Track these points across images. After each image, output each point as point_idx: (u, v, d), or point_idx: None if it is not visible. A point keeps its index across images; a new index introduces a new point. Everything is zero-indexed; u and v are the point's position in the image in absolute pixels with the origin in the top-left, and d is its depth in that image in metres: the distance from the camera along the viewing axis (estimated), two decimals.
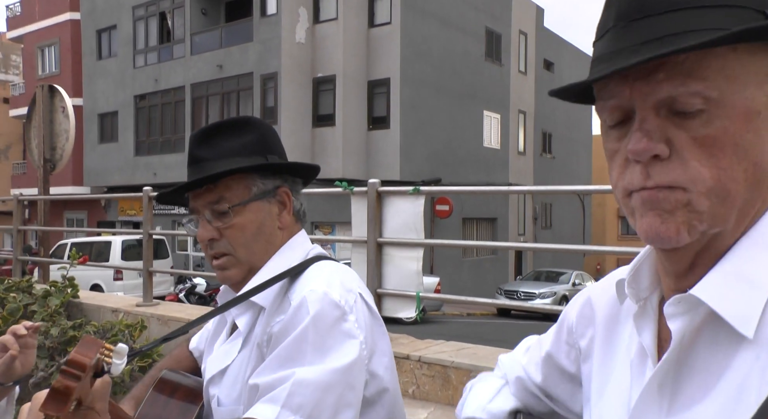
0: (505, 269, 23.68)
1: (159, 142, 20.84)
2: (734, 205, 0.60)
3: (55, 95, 6.15)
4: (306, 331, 1.01)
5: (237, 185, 1.14)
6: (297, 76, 17.61)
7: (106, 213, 22.88)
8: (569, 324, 0.88)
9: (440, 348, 2.97)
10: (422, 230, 3.01)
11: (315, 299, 1.04)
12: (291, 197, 1.20)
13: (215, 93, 19.23)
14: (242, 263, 1.16)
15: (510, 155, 23.61)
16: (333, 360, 1.01)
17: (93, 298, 4.80)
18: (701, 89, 0.58)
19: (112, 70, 22.06)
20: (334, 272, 1.13)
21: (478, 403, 0.95)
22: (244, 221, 1.14)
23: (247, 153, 1.16)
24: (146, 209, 4.39)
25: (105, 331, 3.92)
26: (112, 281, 14.07)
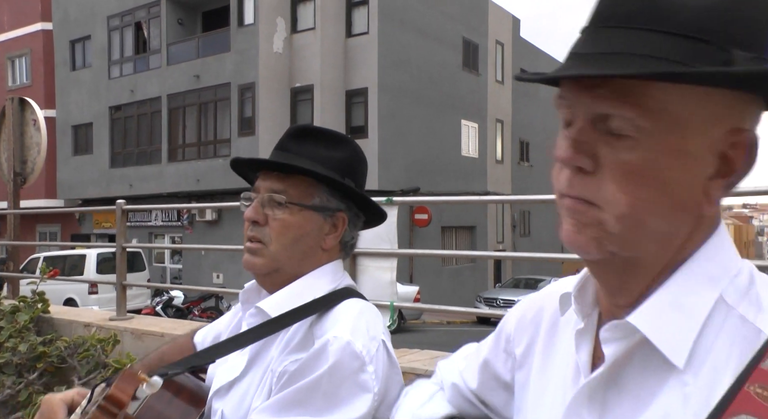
0: (485, 277, 23.80)
1: (135, 153, 20.61)
2: (648, 235, 0.59)
3: (25, 108, 6.05)
4: (321, 379, 0.99)
5: (304, 187, 1.14)
6: (275, 86, 17.59)
7: (81, 226, 22.53)
8: (507, 333, 0.89)
9: (414, 356, 2.96)
10: (396, 241, 3.02)
11: (337, 347, 1.01)
12: (346, 224, 1.19)
13: (192, 103, 19.10)
14: (271, 259, 1.14)
15: (488, 163, 23.80)
16: (341, 414, 0.99)
17: (65, 313, 4.71)
18: (634, 116, 0.57)
19: (86, 81, 21.79)
20: (361, 315, 1.10)
21: (409, 410, 0.95)
22: (292, 221, 1.13)
23: (329, 166, 1.16)
24: (119, 221, 4.34)
25: (76, 346, 3.85)
26: (87, 295, 13.86)
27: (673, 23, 0.55)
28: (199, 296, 13.74)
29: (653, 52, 0.55)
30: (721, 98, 0.57)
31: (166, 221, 19.93)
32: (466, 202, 3.18)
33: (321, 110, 17.54)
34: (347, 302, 1.12)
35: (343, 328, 1.04)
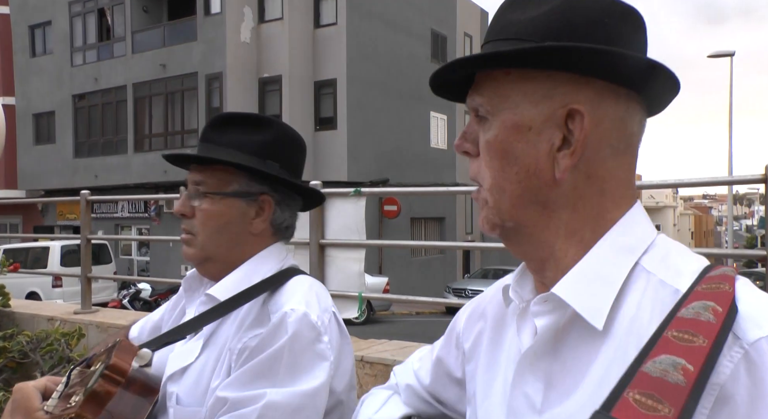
0: (454, 267, 24.02)
1: (100, 143, 20.16)
2: (514, 202, 0.69)
3: None
4: (282, 350, 1.03)
5: (220, 175, 1.17)
6: (242, 77, 17.39)
7: (44, 218, 21.99)
8: (458, 330, 0.91)
9: (383, 346, 3.01)
10: (364, 232, 3.05)
11: (295, 319, 1.05)
12: (272, 207, 1.20)
13: (159, 93, 18.75)
14: (200, 249, 1.17)
15: (457, 155, 23.87)
16: (303, 382, 1.03)
17: (26, 307, 4.62)
18: (481, 103, 0.71)
19: (47, 68, 21.19)
20: (312, 289, 1.15)
21: (366, 415, 0.96)
22: (213, 210, 1.16)
23: (248, 151, 1.17)
24: (84, 212, 4.27)
25: (39, 341, 3.80)
26: (51, 289, 13.56)
27: (506, 33, 0.69)
28: (167, 289, 13.58)
29: (495, 50, 0.68)
30: (546, 80, 0.67)
31: (133, 213, 19.60)
32: (432, 193, 3.23)
33: (289, 101, 17.41)
34: (296, 278, 1.16)
35: (298, 301, 1.08)
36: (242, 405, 1.00)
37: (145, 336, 1.35)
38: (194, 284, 1.26)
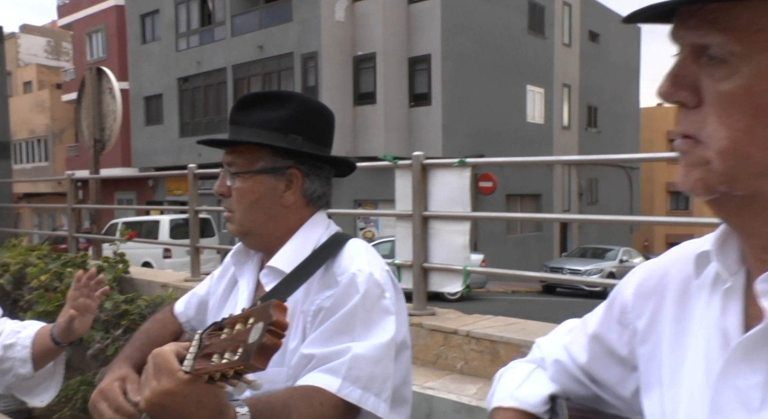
0: (550, 246, 23.32)
1: (203, 123, 21.17)
2: (760, 171, 0.55)
3: (102, 77, 6.27)
4: (356, 308, 1.11)
5: (248, 154, 1.22)
6: (337, 55, 17.54)
7: (155, 193, 23.48)
8: (623, 303, 0.82)
9: (488, 322, 2.92)
10: (469, 204, 2.94)
11: (363, 279, 1.13)
12: (302, 178, 1.24)
13: (256, 74, 19.35)
14: (239, 224, 1.24)
15: (554, 129, 23.09)
16: (378, 336, 1.11)
17: (143, 274, 4.92)
18: (723, 42, 0.54)
19: (156, 54, 22.44)
20: (369, 250, 1.23)
21: (507, 390, 0.92)
22: (246, 188, 1.22)
23: (271, 128, 1.22)
24: (191, 186, 4.45)
25: (156, 305, 4.01)
26: (162, 259, 14.45)
27: None
28: None
29: None
30: None
31: None
32: (533, 163, 3.04)
33: (384, 78, 17.40)
34: (351, 241, 1.23)
35: (361, 262, 1.17)
36: (330, 359, 1.07)
37: (192, 311, 1.44)
38: (242, 257, 1.33)
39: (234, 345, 0.81)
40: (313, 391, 1.04)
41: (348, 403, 1.05)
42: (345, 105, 17.79)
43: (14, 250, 5.09)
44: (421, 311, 3.00)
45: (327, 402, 1.03)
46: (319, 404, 1.03)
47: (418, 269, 3.03)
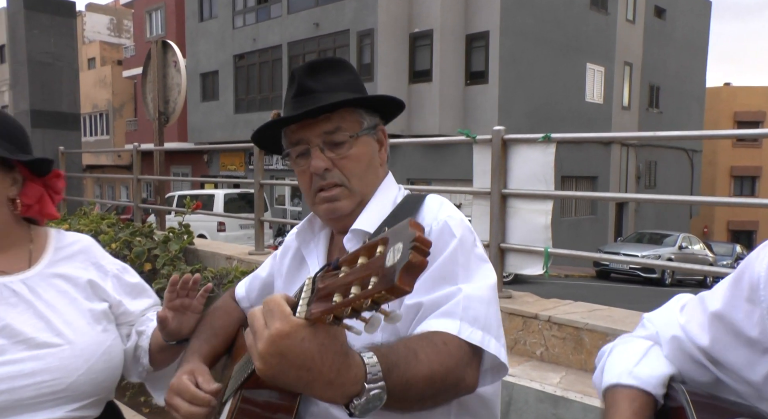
0: (605, 230, 22.67)
1: (257, 99, 21.35)
2: None
3: (167, 51, 6.30)
4: (455, 253, 1.04)
5: (351, 117, 1.15)
6: (393, 32, 17.30)
7: (209, 168, 23.93)
8: (754, 280, 0.75)
9: (570, 308, 2.77)
10: (552, 182, 2.78)
11: (456, 224, 1.07)
12: (386, 136, 1.23)
13: (311, 51, 19.32)
14: (354, 194, 1.16)
15: (614, 109, 22.28)
16: (482, 278, 1.04)
17: (207, 245, 4.94)
18: None
19: (213, 31, 22.67)
20: (449, 203, 1.17)
21: (624, 367, 0.87)
22: (359, 152, 1.15)
23: (351, 89, 1.17)
24: (257, 159, 4.41)
25: (221, 277, 4.01)
26: (216, 232, 14.70)
27: None
28: None
29: None
30: None
31: (287, 165, 20.58)
32: (619, 139, 2.85)
33: (440, 55, 17.08)
34: (431, 196, 1.17)
35: (449, 210, 1.11)
36: (440, 304, 0.99)
37: (255, 294, 1.37)
38: (307, 235, 1.27)
39: (363, 276, 0.72)
40: (432, 333, 0.96)
41: (471, 345, 0.96)
42: (400, 83, 17.58)
43: (86, 218, 5.21)
44: (498, 294, 2.87)
45: (450, 341, 0.94)
46: (442, 343, 0.93)
47: (495, 250, 2.90)
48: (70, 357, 1.22)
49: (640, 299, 13.59)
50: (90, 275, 1.36)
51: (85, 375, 1.23)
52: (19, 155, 1.28)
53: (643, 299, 13.08)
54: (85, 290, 1.33)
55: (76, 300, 1.30)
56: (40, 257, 1.33)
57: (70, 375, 1.21)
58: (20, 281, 1.27)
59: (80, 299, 1.31)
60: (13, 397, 1.16)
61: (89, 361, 1.24)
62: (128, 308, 1.40)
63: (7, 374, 1.16)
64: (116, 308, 1.38)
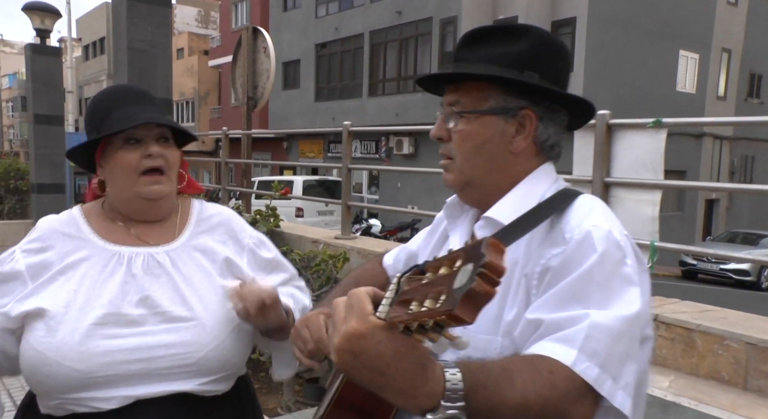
0: (692, 228, 21.47)
1: (338, 88, 21.58)
2: None
3: (258, 37, 6.43)
4: (593, 270, 0.91)
5: (476, 92, 1.07)
6: (478, 19, 16.99)
7: (288, 155, 24.47)
8: None
9: (677, 307, 2.59)
10: (662, 170, 2.61)
11: (600, 236, 0.93)
12: (536, 122, 1.07)
13: (393, 40, 19.29)
14: (459, 173, 1.10)
15: (707, 100, 20.97)
16: (619, 307, 0.89)
17: (293, 229, 5.02)
18: None
19: (296, 21, 23.07)
20: (605, 208, 1.02)
21: None
22: (470, 131, 1.07)
23: (504, 63, 1.05)
24: (345, 144, 4.42)
25: (309, 260, 4.06)
26: (294, 218, 15.01)
27: None
28: (397, 226, 14.27)
29: None
30: None
31: (365, 154, 20.79)
32: (710, 123, 2.63)
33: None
34: (584, 196, 1.04)
35: (598, 218, 0.97)
36: (562, 327, 0.88)
37: (401, 265, 1.33)
38: (456, 211, 1.19)
39: (436, 291, 0.66)
40: (538, 358, 0.86)
41: (585, 382, 0.84)
42: None
43: None
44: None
45: (558, 372, 0.84)
46: (547, 371, 0.83)
47: None
48: (201, 334, 1.23)
49: (732, 303, 12.74)
50: (228, 252, 1.37)
51: (214, 351, 1.24)
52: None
53: (737, 304, 12.24)
54: (221, 267, 1.34)
55: (211, 276, 1.31)
56: (184, 228, 1.36)
57: (200, 350, 1.22)
58: (165, 253, 1.29)
59: (215, 275, 1.32)
60: (150, 366, 1.19)
61: (218, 338, 1.25)
62: None
63: (146, 343, 1.19)
64: None
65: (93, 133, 1.27)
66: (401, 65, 19.15)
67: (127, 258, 1.26)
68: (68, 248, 1.25)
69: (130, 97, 1.30)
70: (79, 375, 1.14)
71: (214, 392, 1.27)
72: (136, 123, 1.24)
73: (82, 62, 36.66)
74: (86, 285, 1.20)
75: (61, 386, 1.14)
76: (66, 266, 1.22)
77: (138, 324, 1.20)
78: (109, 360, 1.15)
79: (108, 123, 1.25)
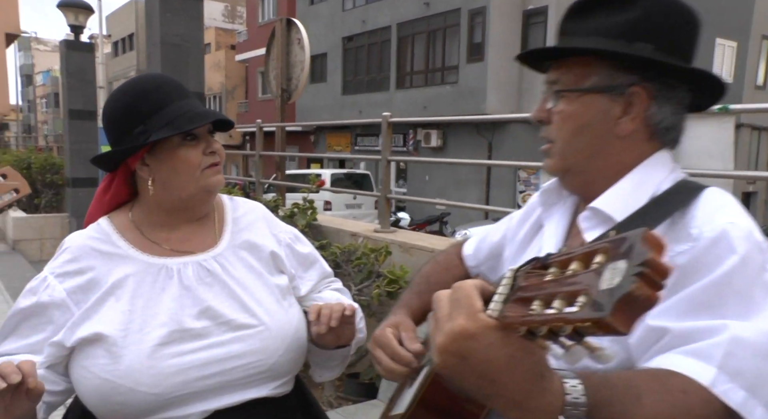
0: None
1: (365, 81, 21.50)
2: None
3: (291, 28, 6.37)
4: (731, 275, 0.78)
5: (578, 69, 0.95)
6: (507, 10, 16.73)
7: (315, 149, 24.50)
8: None
9: None
10: (731, 160, 2.47)
11: (740, 235, 0.80)
12: (647, 101, 0.93)
13: (421, 31, 19.13)
14: (558, 158, 1.00)
15: (745, 89, 20.36)
16: (763, 319, 0.76)
17: (331, 222, 4.96)
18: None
19: (323, 14, 23.02)
20: (739, 206, 0.88)
21: None
22: (570, 111, 0.96)
23: (611, 35, 0.93)
24: (384, 135, 4.34)
25: (349, 253, 3.99)
26: (322, 211, 15.00)
27: None
28: (425, 220, 14.17)
29: None
30: None
31: (392, 146, 20.67)
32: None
33: (555, 33, 16.33)
34: (711, 189, 0.90)
35: (733, 214, 0.83)
36: (694, 338, 0.75)
37: (483, 254, 1.23)
38: (553, 197, 1.08)
39: (570, 291, 0.56)
40: (667, 374, 0.74)
41: (725, 405, 0.72)
42: (510, 62, 17.03)
43: None
44: None
45: (693, 392, 0.72)
46: (680, 391, 0.71)
47: None
48: (269, 339, 1.18)
49: None
50: (271, 246, 1.31)
51: (284, 354, 1.20)
52: None
53: None
54: (267, 263, 1.29)
55: (263, 276, 1.26)
56: (223, 229, 1.29)
57: (272, 355, 1.18)
58: (212, 259, 1.23)
59: (265, 274, 1.27)
60: (225, 378, 1.14)
61: (285, 341, 1.20)
62: (298, 284, 1.34)
63: (217, 356, 1.14)
64: (291, 281, 1.32)
65: (137, 128, 1.17)
66: (429, 57, 18.99)
67: (176, 270, 1.19)
68: (109, 266, 1.16)
69: (176, 91, 1.22)
70: (156, 398, 1.08)
71: (286, 392, 1.24)
72: (210, 119, 1.19)
73: (112, 58, 37.20)
74: (140, 304, 1.14)
75: (137, 412, 1.09)
76: (112, 286, 1.14)
77: (203, 337, 1.14)
78: (184, 378, 1.10)
79: (163, 119, 1.16)
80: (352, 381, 3.92)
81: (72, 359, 1.12)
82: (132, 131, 1.17)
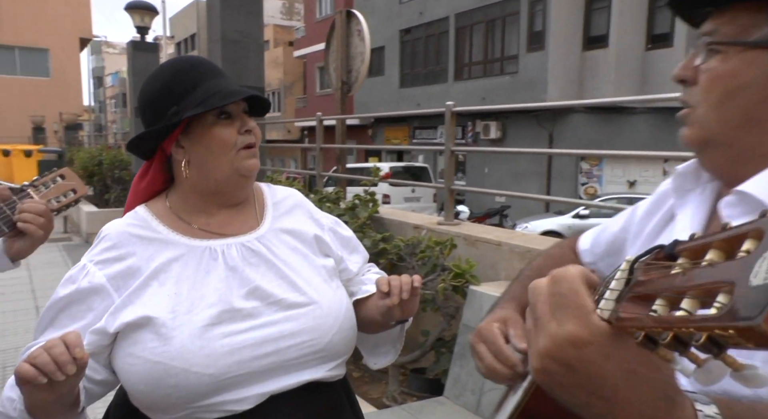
0: None
1: (422, 74, 21.35)
2: None
3: (351, 19, 6.33)
4: None
5: (745, 17, 0.74)
6: None
7: (373, 141, 24.54)
8: None
9: None
10: None
11: None
12: None
13: (479, 22, 18.81)
14: (698, 127, 0.80)
15: None
16: None
17: (393, 214, 4.89)
18: None
19: (380, 7, 22.98)
20: None
21: None
22: (724, 70, 0.76)
23: None
24: (448, 125, 4.23)
25: (413, 246, 3.91)
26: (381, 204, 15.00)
27: None
28: (485, 213, 13.97)
29: None
30: None
31: None
32: None
33: (618, 19, 15.71)
34: None
35: None
36: None
37: (601, 249, 1.07)
38: (688, 182, 0.88)
39: (705, 288, 0.43)
40: None
41: None
42: (572, 51, 16.52)
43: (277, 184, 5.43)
44: None
45: None
46: None
47: None
48: (321, 317, 1.14)
49: None
50: (314, 230, 1.27)
51: (338, 334, 1.15)
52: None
53: None
54: (311, 245, 1.25)
55: (308, 257, 1.22)
56: (264, 212, 1.26)
57: (326, 334, 1.13)
58: (256, 240, 1.19)
59: (310, 255, 1.23)
60: (280, 358, 1.09)
61: (338, 319, 1.16)
62: (347, 266, 1.31)
63: (270, 336, 1.09)
64: (338, 264, 1.29)
65: (171, 109, 1.14)
66: (487, 48, 18.65)
67: (220, 252, 1.15)
68: (150, 251, 1.13)
69: (210, 71, 1.18)
70: (210, 379, 1.04)
71: (339, 376, 1.20)
72: (244, 95, 1.14)
73: None
74: (186, 287, 1.10)
75: (192, 394, 1.04)
76: (155, 271, 1.11)
77: (254, 316, 1.10)
78: (238, 358, 1.06)
79: (196, 98, 1.13)
80: (417, 377, 3.85)
81: (117, 348, 1.08)
82: (166, 113, 1.15)
